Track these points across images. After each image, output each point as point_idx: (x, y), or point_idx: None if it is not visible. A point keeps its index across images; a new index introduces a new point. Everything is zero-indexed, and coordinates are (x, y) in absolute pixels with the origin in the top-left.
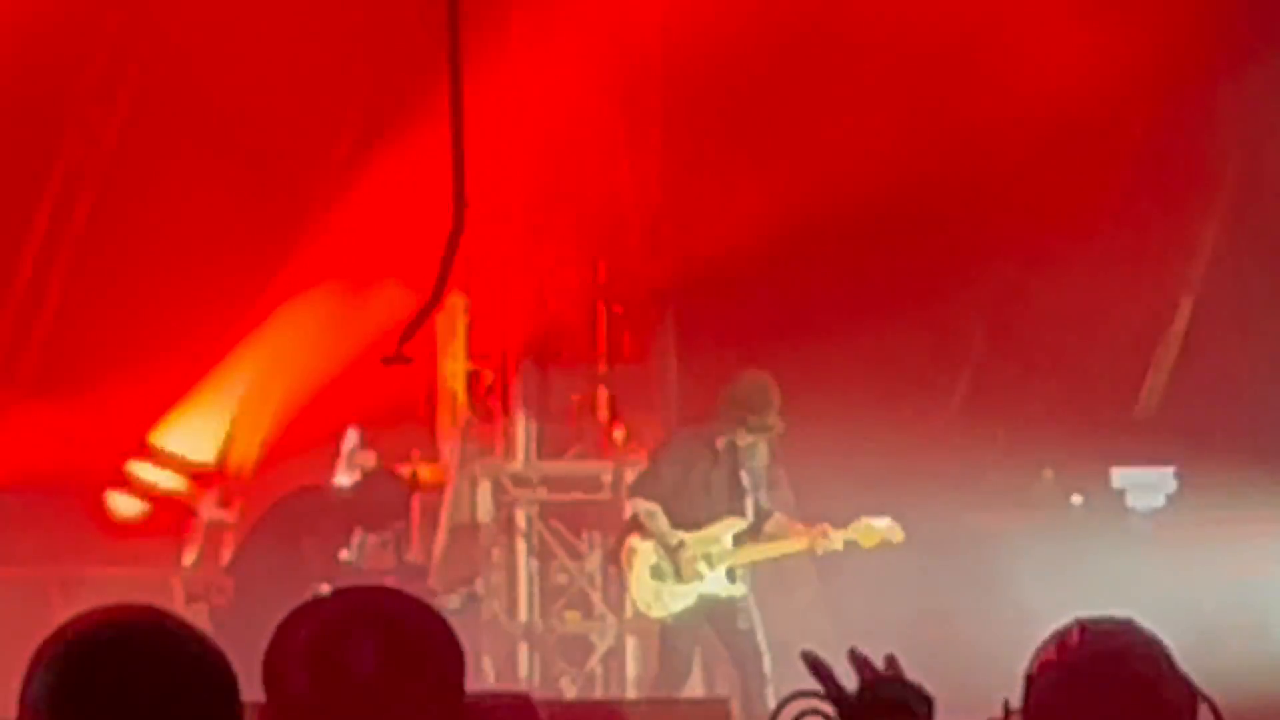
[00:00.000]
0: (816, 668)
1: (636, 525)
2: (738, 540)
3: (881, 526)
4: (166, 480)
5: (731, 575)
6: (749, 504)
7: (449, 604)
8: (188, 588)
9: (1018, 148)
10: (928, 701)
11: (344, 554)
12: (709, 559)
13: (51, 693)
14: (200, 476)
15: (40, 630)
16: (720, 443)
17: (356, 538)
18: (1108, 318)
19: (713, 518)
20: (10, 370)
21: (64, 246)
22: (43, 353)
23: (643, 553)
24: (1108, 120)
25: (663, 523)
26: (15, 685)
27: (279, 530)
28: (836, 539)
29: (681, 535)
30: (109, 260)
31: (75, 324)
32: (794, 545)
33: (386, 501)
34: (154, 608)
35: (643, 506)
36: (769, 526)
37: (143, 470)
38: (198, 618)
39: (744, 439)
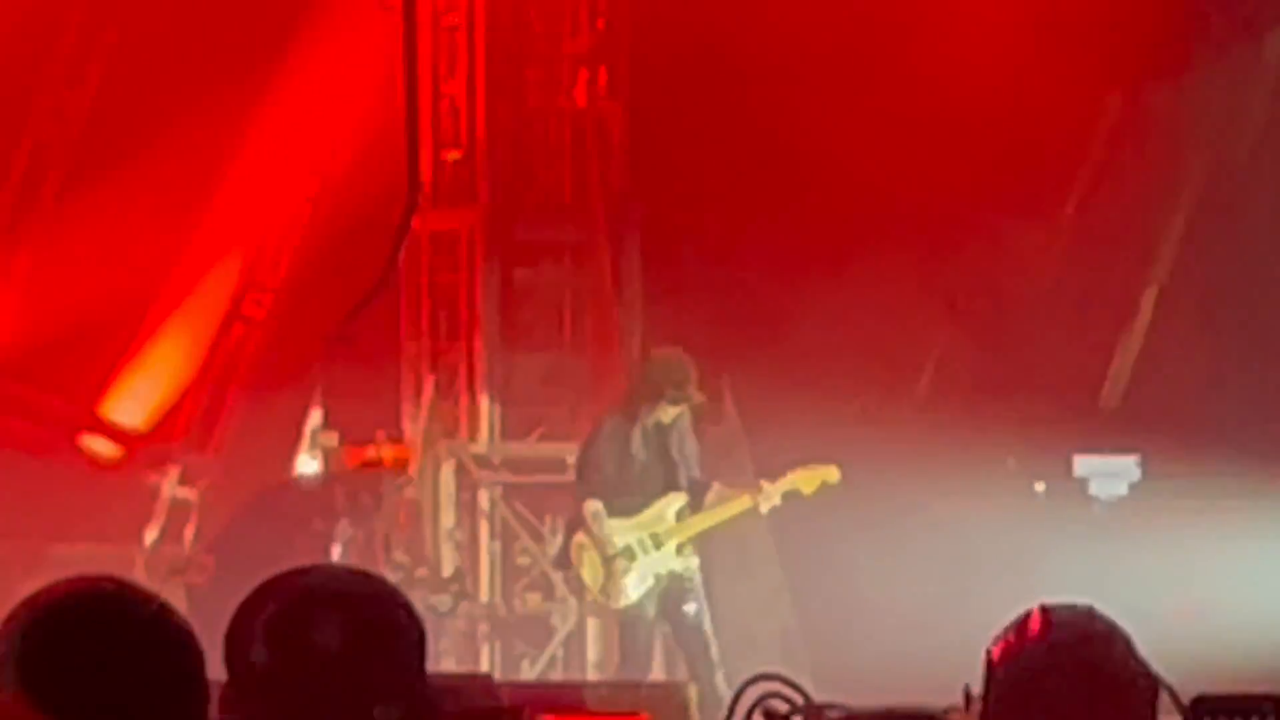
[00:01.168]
0: None
1: (580, 522)
2: (680, 515)
3: (817, 470)
4: (113, 451)
5: (681, 550)
6: (682, 477)
7: (439, 605)
8: (166, 564)
9: (985, 136)
10: None
11: (334, 550)
12: (656, 538)
13: (20, 658)
14: (147, 446)
15: (3, 605)
16: (646, 421)
17: (342, 534)
18: (1072, 307)
19: (651, 497)
20: None
21: (31, 223)
22: (8, 328)
23: (590, 549)
24: (1074, 111)
25: (605, 527)
26: None
27: (267, 519)
28: (774, 492)
29: (622, 539)
30: (76, 235)
31: (41, 298)
32: (735, 508)
33: (368, 499)
34: (118, 578)
35: (590, 508)
36: (709, 496)
37: (95, 443)
38: (174, 594)
39: (667, 414)
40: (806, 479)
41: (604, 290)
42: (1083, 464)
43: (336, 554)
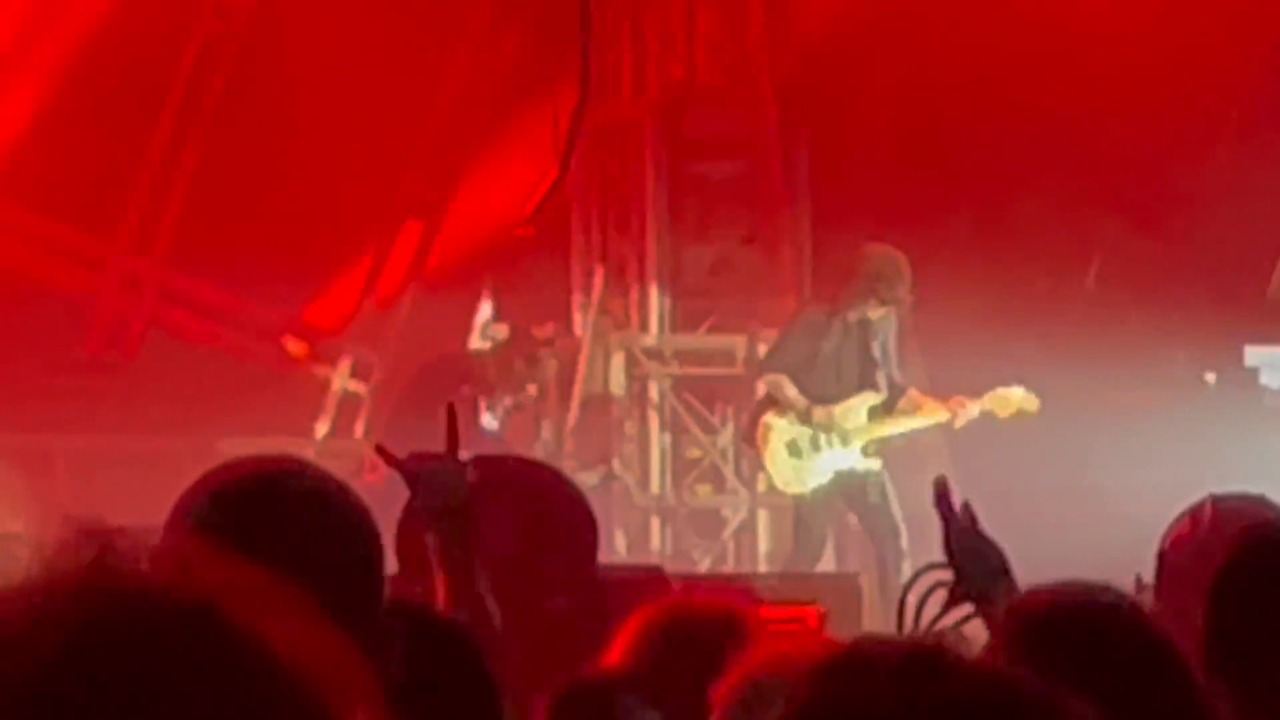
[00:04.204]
0: (941, 493)
1: (770, 403)
2: (872, 415)
3: (1017, 395)
4: (303, 350)
5: (866, 450)
6: (881, 379)
7: (588, 481)
8: (338, 458)
9: (1155, 31)
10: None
11: (486, 420)
12: (844, 434)
13: (205, 516)
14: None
15: (173, 498)
16: (851, 317)
17: (496, 404)
18: (1242, 197)
19: (845, 393)
20: (146, 244)
21: (199, 121)
22: (178, 227)
23: (778, 429)
24: (1244, 5)
25: (792, 390)
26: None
27: (422, 400)
28: (973, 409)
29: (815, 407)
30: (243, 135)
31: (209, 198)
32: (930, 418)
33: (523, 366)
34: (299, 458)
35: (770, 379)
36: (903, 401)
37: (291, 344)
38: None
39: (875, 312)
40: (1004, 403)
41: (773, 182)
42: (1253, 354)
43: (491, 425)
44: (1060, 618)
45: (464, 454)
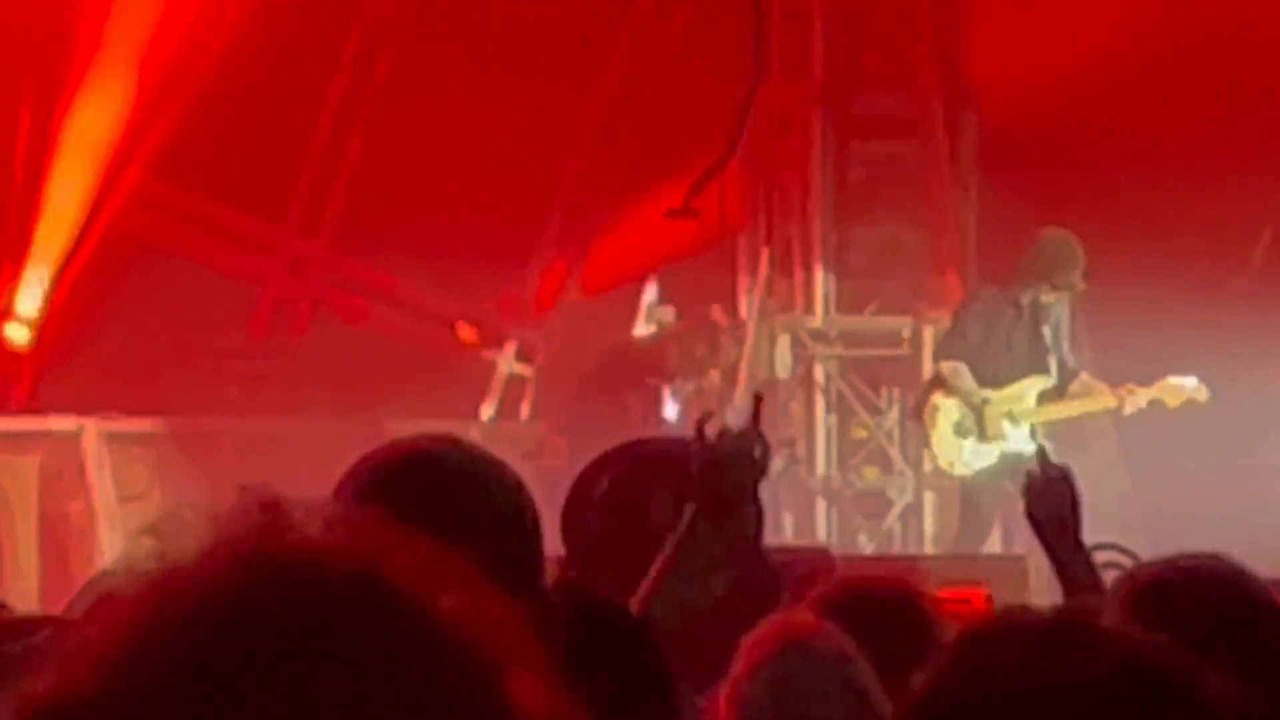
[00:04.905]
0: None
1: (939, 383)
2: (1042, 398)
3: (1188, 386)
4: (474, 336)
5: (1034, 433)
6: (1052, 362)
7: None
8: (508, 440)
9: None
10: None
11: (666, 408)
12: (1012, 416)
13: (365, 492)
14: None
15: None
16: (1024, 300)
17: (674, 390)
18: None
19: (1015, 376)
20: (313, 226)
21: (364, 103)
22: (344, 209)
23: (946, 410)
24: None
25: (968, 380)
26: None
27: (603, 385)
28: (1142, 398)
29: (986, 393)
30: (408, 118)
31: (374, 180)
32: (1099, 403)
33: (706, 353)
34: (458, 438)
35: (948, 366)
36: (1074, 385)
37: (463, 330)
38: (527, 476)
39: (1048, 296)
40: (1175, 393)
41: (939, 164)
42: None
43: (673, 413)
44: (1173, 585)
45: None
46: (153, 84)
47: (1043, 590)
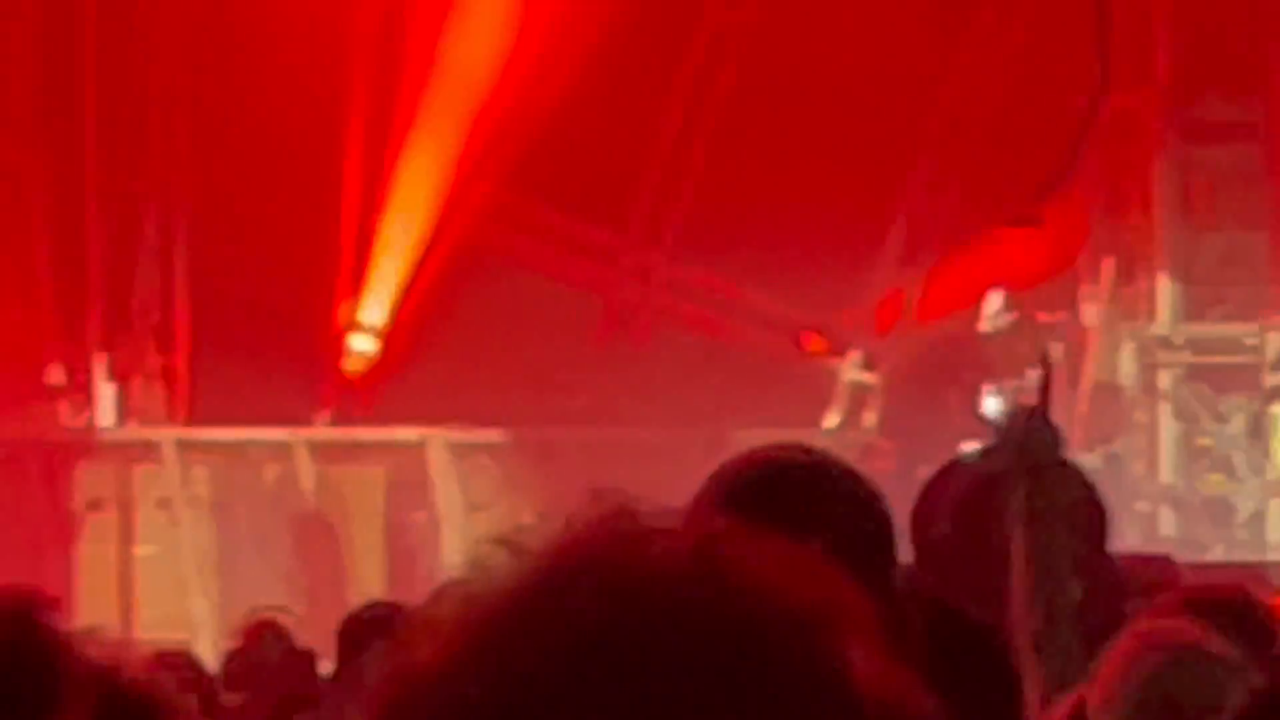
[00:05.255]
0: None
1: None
2: None
3: None
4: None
5: None
6: None
7: (1091, 462)
8: (843, 448)
9: None
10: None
11: (989, 404)
12: None
13: (719, 502)
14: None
15: (686, 488)
16: None
17: (1001, 388)
18: None
19: None
20: (656, 235)
21: (709, 112)
22: (684, 218)
23: None
24: None
25: None
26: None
27: (925, 385)
28: None
29: None
30: (754, 126)
31: (715, 188)
32: None
33: (1027, 351)
34: (813, 447)
35: None
36: None
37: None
38: None
39: None
40: None
41: None
42: None
43: (992, 409)
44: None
45: (967, 446)
46: (501, 100)
47: None
